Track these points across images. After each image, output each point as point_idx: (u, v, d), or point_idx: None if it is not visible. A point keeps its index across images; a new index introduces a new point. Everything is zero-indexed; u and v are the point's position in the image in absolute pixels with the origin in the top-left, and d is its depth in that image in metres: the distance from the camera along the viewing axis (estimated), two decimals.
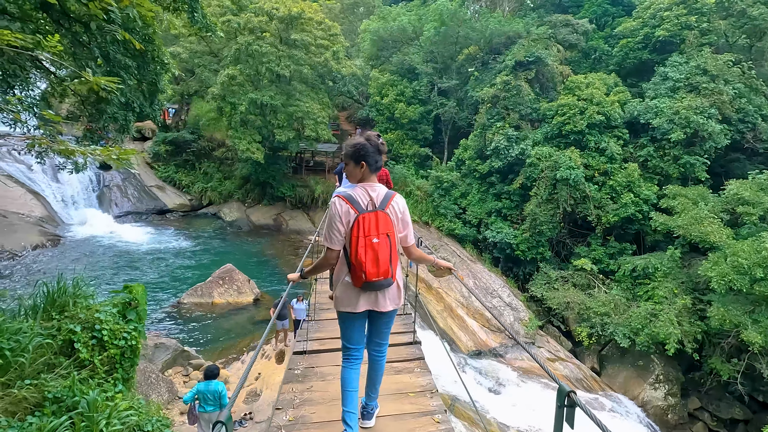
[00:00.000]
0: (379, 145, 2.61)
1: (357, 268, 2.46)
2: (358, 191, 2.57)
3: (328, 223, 2.55)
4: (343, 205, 2.51)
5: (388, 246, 2.51)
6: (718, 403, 15.41)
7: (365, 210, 2.50)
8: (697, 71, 17.20)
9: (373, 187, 2.61)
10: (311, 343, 4.08)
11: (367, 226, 2.46)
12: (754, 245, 12.47)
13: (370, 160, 2.58)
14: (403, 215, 2.68)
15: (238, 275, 13.43)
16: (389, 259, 2.51)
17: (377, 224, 2.49)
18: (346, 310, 2.65)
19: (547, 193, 18.04)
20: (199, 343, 10.58)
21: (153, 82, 9.05)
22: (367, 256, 2.44)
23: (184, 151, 27.48)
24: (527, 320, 16.96)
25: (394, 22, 25.36)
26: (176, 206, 25.54)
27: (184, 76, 25.19)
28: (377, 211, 2.52)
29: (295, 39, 20.03)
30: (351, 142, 2.61)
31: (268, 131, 21.35)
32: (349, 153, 2.60)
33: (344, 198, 2.53)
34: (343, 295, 2.63)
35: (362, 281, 2.48)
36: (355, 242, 2.45)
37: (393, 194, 2.65)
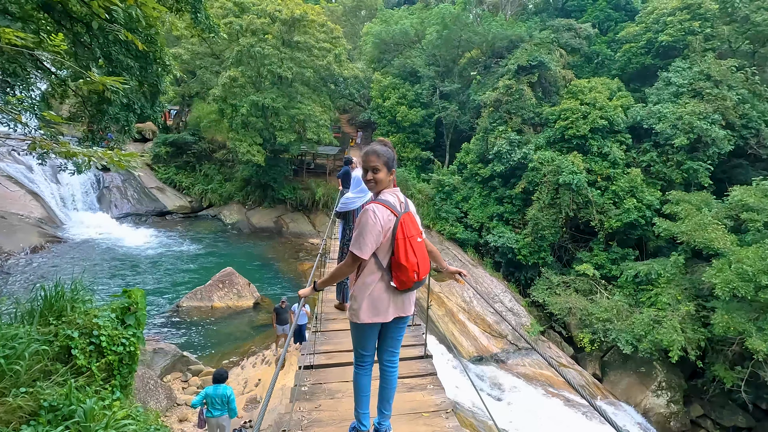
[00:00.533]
0: (395, 155, 2.68)
1: (408, 270, 2.44)
2: (390, 197, 2.57)
3: (365, 231, 2.43)
4: (384, 212, 2.47)
5: (425, 242, 2.64)
6: (721, 410, 15.29)
7: (400, 212, 2.52)
8: (700, 76, 17.14)
9: (399, 193, 2.65)
10: (318, 357, 3.89)
11: (407, 227, 2.49)
12: (759, 252, 12.36)
13: (391, 169, 2.61)
14: (416, 215, 2.74)
15: (238, 279, 13.31)
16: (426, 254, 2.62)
17: (414, 224, 2.57)
18: (376, 320, 2.57)
19: (550, 198, 17.94)
20: (199, 348, 10.44)
21: (154, 84, 8.97)
22: (418, 255, 2.48)
23: (184, 152, 27.40)
24: (529, 326, 16.84)
25: (396, 26, 25.34)
26: (176, 208, 25.43)
27: (186, 78, 25.13)
28: (408, 211, 2.58)
29: (297, 41, 19.99)
30: (382, 150, 2.58)
31: (269, 133, 21.27)
32: (388, 160, 2.58)
33: (384, 204, 2.50)
34: (373, 304, 2.54)
35: (412, 282, 2.47)
36: (402, 245, 2.45)
37: (408, 198, 2.75)
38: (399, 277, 2.47)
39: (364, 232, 2.42)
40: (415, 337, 4.52)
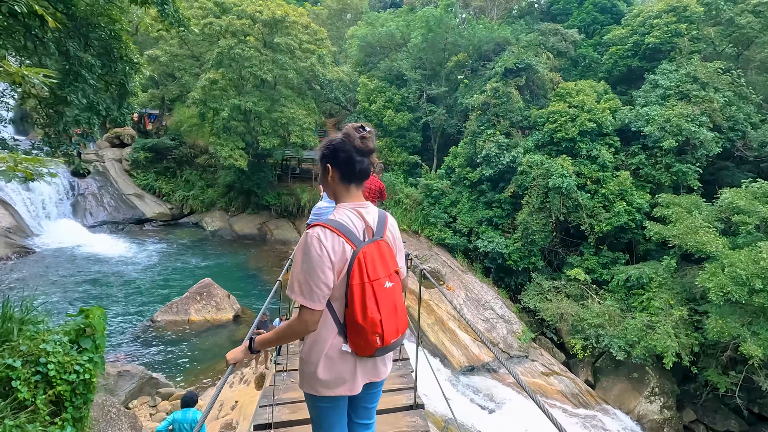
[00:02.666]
0: (362, 141, 1.78)
1: (368, 331, 1.69)
2: (347, 214, 1.79)
3: (308, 270, 1.68)
4: (333, 239, 1.69)
5: (401, 287, 1.83)
6: (714, 415, 15.13)
7: (363, 242, 1.75)
8: (687, 79, 17.10)
9: (366, 207, 1.87)
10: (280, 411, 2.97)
11: (371, 265, 1.70)
12: (752, 255, 12.18)
13: (348, 166, 1.80)
14: (399, 241, 2.00)
15: (217, 290, 12.61)
16: (404, 304, 1.86)
17: (383, 259, 1.77)
18: (338, 393, 1.83)
19: (539, 202, 17.66)
20: (172, 367, 9.73)
21: (121, 83, 8.32)
22: (383, 309, 1.70)
23: (164, 158, 26.53)
24: (520, 332, 16.46)
25: (382, 28, 24.99)
26: (156, 215, 24.52)
27: (165, 81, 24.33)
28: (378, 240, 1.79)
29: (279, 43, 19.42)
30: (324, 142, 1.89)
31: (251, 138, 20.61)
32: (320, 156, 1.87)
33: (333, 228, 1.71)
34: (330, 372, 1.80)
35: (375, 348, 1.72)
36: (359, 293, 1.68)
37: (386, 214, 1.96)
38: (354, 339, 1.74)
39: (310, 270, 1.67)
40: (403, 378, 3.57)
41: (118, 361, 8.93)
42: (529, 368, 15.51)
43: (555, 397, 14.21)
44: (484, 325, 16.42)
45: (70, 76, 7.18)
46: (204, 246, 21.35)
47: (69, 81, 7.23)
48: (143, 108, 27.81)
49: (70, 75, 7.19)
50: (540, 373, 15.39)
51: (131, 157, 26.32)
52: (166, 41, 20.72)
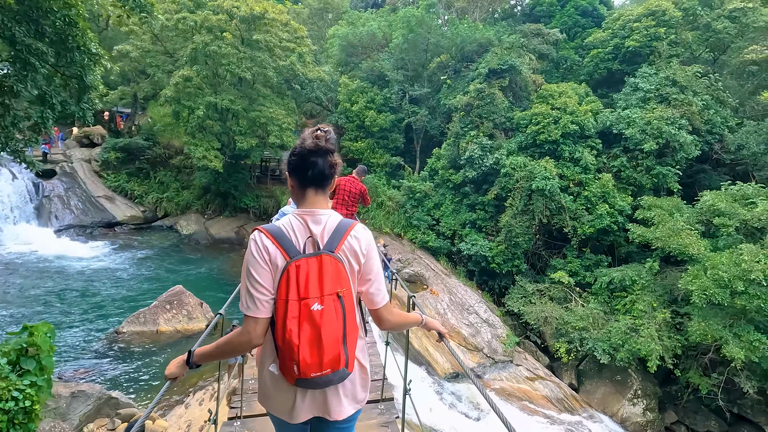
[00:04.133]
0: (315, 140, 1.66)
1: (285, 354, 1.52)
2: (290, 221, 1.67)
3: (247, 275, 1.58)
4: (266, 245, 1.58)
5: (340, 314, 1.56)
6: (695, 416, 15.21)
7: (300, 254, 1.57)
8: (666, 82, 17.26)
9: (316, 215, 1.68)
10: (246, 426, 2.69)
11: (303, 282, 1.52)
12: (733, 257, 12.23)
13: (300, 169, 1.68)
14: (366, 259, 1.70)
15: (189, 298, 11.88)
16: (342, 337, 1.57)
17: (321, 277, 1.55)
18: (278, 415, 1.73)
19: (523, 204, 17.51)
20: (137, 384, 9.01)
21: (79, 75, 7.61)
22: (302, 335, 1.50)
23: (137, 158, 25.37)
24: (505, 337, 16.21)
25: (363, 28, 24.59)
26: (127, 218, 23.38)
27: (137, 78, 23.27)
28: (321, 254, 1.57)
29: (257, 40, 18.74)
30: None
31: (228, 138, 19.84)
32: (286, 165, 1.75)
33: (268, 234, 1.60)
34: (271, 391, 1.69)
35: (294, 377, 1.53)
36: (281, 311, 1.52)
37: (350, 226, 1.70)
38: (280, 362, 1.58)
39: (248, 275, 1.57)
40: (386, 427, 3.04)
41: (74, 379, 8.18)
42: (514, 373, 15.27)
43: (540, 403, 13.99)
44: (469, 330, 16.11)
45: (17, 65, 6.49)
46: (178, 250, 20.41)
47: (16, 69, 6.54)
48: (114, 106, 26.61)
49: (17, 63, 6.49)
50: (525, 378, 15.17)
51: (101, 158, 25.07)
52: (138, 36, 19.77)
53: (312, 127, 1.85)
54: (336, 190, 5.81)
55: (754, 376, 12.98)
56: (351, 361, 1.61)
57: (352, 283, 1.63)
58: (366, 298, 1.74)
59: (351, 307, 1.59)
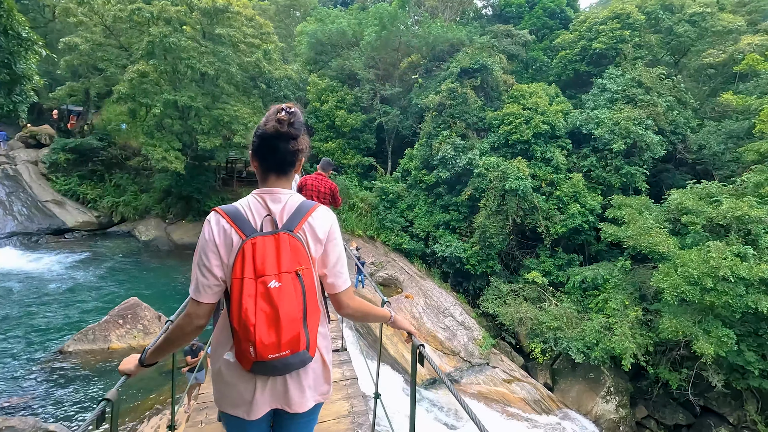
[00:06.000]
0: (278, 123, 1.54)
1: (241, 338, 1.42)
2: (248, 200, 1.61)
3: (198, 256, 1.54)
4: (220, 224, 1.52)
5: (300, 292, 1.46)
6: (664, 410, 15.52)
7: (257, 232, 1.50)
8: (632, 83, 17.60)
9: (276, 195, 1.61)
10: None
11: (260, 260, 1.44)
12: (701, 255, 12.44)
13: (261, 153, 1.60)
14: (328, 240, 1.62)
15: (146, 311, 10.86)
16: (302, 316, 1.46)
17: (278, 255, 1.47)
18: (234, 413, 1.61)
19: (496, 205, 17.39)
20: (84, 410, 8.02)
21: (6, 63, 6.66)
22: (259, 313, 1.40)
23: (90, 160, 23.68)
24: (481, 339, 15.99)
25: (333, 25, 23.93)
26: (79, 224, 21.71)
27: (89, 73, 21.63)
28: (279, 233, 1.50)
29: (220, 34, 17.74)
30: None
31: (190, 138, 18.70)
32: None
33: (224, 213, 1.54)
34: (226, 384, 1.58)
35: (251, 360, 1.43)
36: (237, 291, 1.43)
37: (313, 206, 1.61)
38: (236, 347, 1.48)
39: (197, 258, 1.54)
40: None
41: (1, 413, 7.14)
42: (490, 376, 15.05)
43: (518, 406, 13.81)
44: (445, 334, 15.79)
45: None
46: (136, 258, 19.04)
47: None
48: (63, 104, 24.74)
49: None
50: (502, 381, 14.99)
51: (49, 159, 23.22)
52: (88, 28, 18.29)
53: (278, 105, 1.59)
54: (302, 191, 5.25)
55: (721, 370, 13.30)
56: (312, 344, 1.51)
57: (312, 264, 1.54)
58: (326, 281, 1.64)
59: (311, 287, 1.50)
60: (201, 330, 1.57)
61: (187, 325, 1.54)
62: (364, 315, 1.82)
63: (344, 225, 20.20)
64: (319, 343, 1.62)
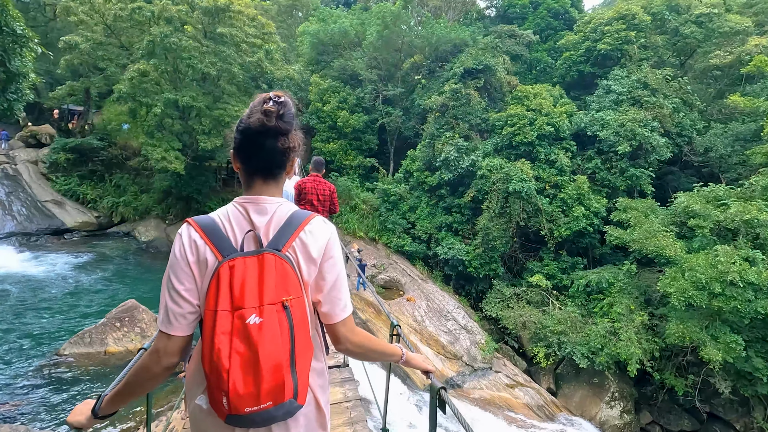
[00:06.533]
0: (265, 115, 1.29)
1: (212, 382, 1.13)
2: (228, 210, 1.33)
3: (166, 279, 1.29)
4: (192, 239, 1.26)
5: (286, 330, 1.17)
6: (668, 416, 15.31)
7: (236, 252, 1.22)
8: (638, 85, 17.40)
9: (261, 204, 1.32)
10: None
11: (239, 287, 1.16)
12: (709, 259, 12.22)
13: (244, 151, 1.35)
14: (324, 259, 1.32)
15: (143, 314, 10.69)
16: (289, 359, 1.17)
17: (261, 282, 1.18)
18: None
19: (500, 207, 17.18)
20: None
21: (1, 61, 6.49)
22: (234, 356, 1.11)
23: (90, 160, 23.52)
24: (484, 343, 15.79)
25: (335, 25, 23.79)
26: (78, 225, 21.55)
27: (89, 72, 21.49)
28: (264, 253, 1.21)
29: (222, 34, 17.58)
30: None
31: (190, 138, 18.54)
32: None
33: (196, 225, 1.27)
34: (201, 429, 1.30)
35: (224, 412, 1.14)
36: (208, 326, 1.14)
37: (306, 218, 1.32)
38: (208, 391, 1.18)
39: (166, 279, 1.28)
40: None
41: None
42: (493, 381, 14.84)
43: (522, 411, 13.59)
44: (447, 337, 15.59)
45: None
46: (135, 259, 18.88)
47: None
48: (64, 103, 24.62)
49: None
50: (505, 386, 14.78)
51: (49, 159, 23.07)
52: (89, 27, 18.15)
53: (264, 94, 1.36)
54: (302, 196, 4.95)
55: (728, 376, 13.06)
56: (302, 391, 1.21)
57: (304, 291, 1.27)
58: (321, 309, 1.35)
59: (302, 321, 1.22)
60: (172, 370, 1.28)
61: (154, 365, 1.25)
62: (368, 352, 1.50)
63: (346, 227, 20.03)
64: (312, 383, 1.34)
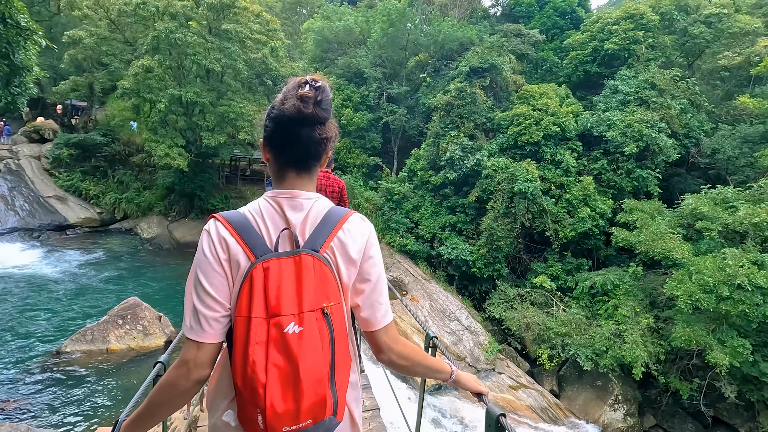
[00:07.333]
0: (301, 101, 1.17)
1: (245, 397, 1.01)
2: (260, 206, 1.18)
3: (194, 280, 1.10)
4: (221, 236, 1.11)
5: (327, 340, 1.05)
6: (672, 419, 15.16)
7: (271, 252, 1.08)
8: (645, 85, 17.22)
9: (296, 199, 1.18)
10: None
11: (275, 292, 1.02)
12: (717, 262, 12.09)
13: (276, 140, 1.21)
14: (364, 259, 1.19)
15: (146, 311, 10.61)
16: (329, 372, 1.05)
17: (300, 286, 1.04)
18: None
19: (504, 207, 17.06)
20: (79, 414, 7.76)
21: (4, 53, 6.40)
22: (271, 369, 0.99)
23: (93, 155, 23.49)
24: (487, 344, 15.68)
25: (340, 22, 23.67)
26: (81, 221, 21.52)
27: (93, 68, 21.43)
28: (301, 254, 1.07)
29: (227, 30, 17.49)
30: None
31: (193, 134, 18.46)
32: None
33: (227, 222, 1.12)
34: None
35: (258, 430, 1.00)
36: (241, 335, 1.01)
37: (344, 215, 1.20)
38: (239, 406, 1.06)
39: (195, 281, 1.10)
40: None
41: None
42: (497, 382, 14.73)
43: (525, 414, 13.48)
44: (450, 338, 15.48)
45: None
46: (137, 256, 18.83)
47: None
48: (67, 99, 24.58)
49: None
50: (508, 387, 14.66)
51: (52, 155, 23.05)
52: (93, 21, 18.08)
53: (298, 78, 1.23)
54: None
55: (734, 381, 12.93)
56: (341, 407, 1.11)
57: (343, 296, 1.15)
58: (360, 314, 1.23)
59: (342, 330, 1.11)
60: (202, 384, 1.13)
61: (183, 379, 1.09)
62: (414, 365, 1.34)
63: None
64: (348, 398, 1.21)
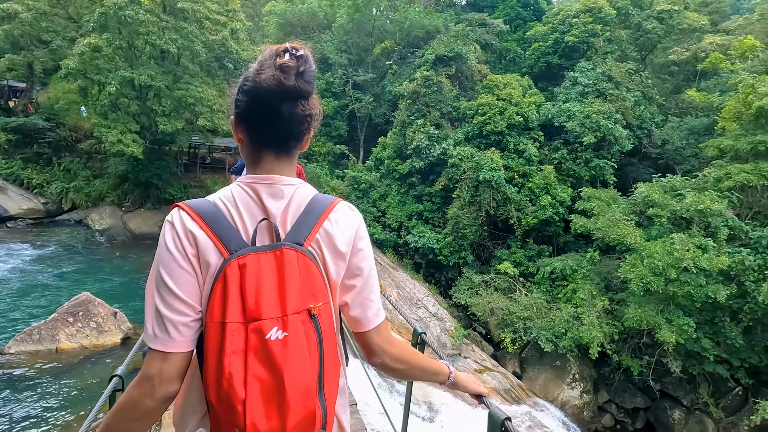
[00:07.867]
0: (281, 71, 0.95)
1: (221, 414, 0.84)
2: (233, 193, 0.99)
3: (155, 279, 0.92)
4: (187, 229, 0.93)
5: (315, 345, 0.90)
6: (623, 394, 16.14)
7: (248, 246, 0.91)
8: (603, 77, 17.88)
9: (276, 186, 1.00)
10: None
11: (253, 293, 0.85)
12: (666, 246, 12.85)
13: (252, 118, 1.01)
14: (353, 253, 1.04)
15: (99, 307, 10.00)
16: (317, 382, 0.90)
17: (282, 285, 0.88)
18: None
19: (470, 195, 17.35)
20: (24, 422, 7.24)
21: None
22: (252, 382, 0.82)
23: (35, 141, 21.76)
24: (453, 330, 16.03)
25: (303, 5, 23.00)
26: (23, 212, 19.98)
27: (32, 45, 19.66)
28: (282, 248, 0.91)
29: (183, 8, 16.50)
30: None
31: (149, 120, 17.41)
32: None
33: (194, 212, 0.94)
34: None
35: None
36: (215, 342, 0.84)
37: (330, 203, 1.03)
38: (215, 426, 0.89)
39: (159, 283, 0.91)
40: None
41: None
42: (463, 366, 15.12)
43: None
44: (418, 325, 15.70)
45: None
46: (88, 249, 17.72)
47: None
48: (4, 79, 22.53)
49: None
50: (474, 371, 15.08)
51: None
52: None
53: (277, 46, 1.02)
54: None
55: (679, 356, 13.90)
56: (330, 419, 0.96)
57: (331, 294, 1.00)
58: (349, 314, 1.09)
59: (330, 333, 0.96)
60: (170, 402, 0.95)
61: (147, 398, 0.90)
62: (410, 368, 1.20)
63: None
64: (337, 406, 1.05)
